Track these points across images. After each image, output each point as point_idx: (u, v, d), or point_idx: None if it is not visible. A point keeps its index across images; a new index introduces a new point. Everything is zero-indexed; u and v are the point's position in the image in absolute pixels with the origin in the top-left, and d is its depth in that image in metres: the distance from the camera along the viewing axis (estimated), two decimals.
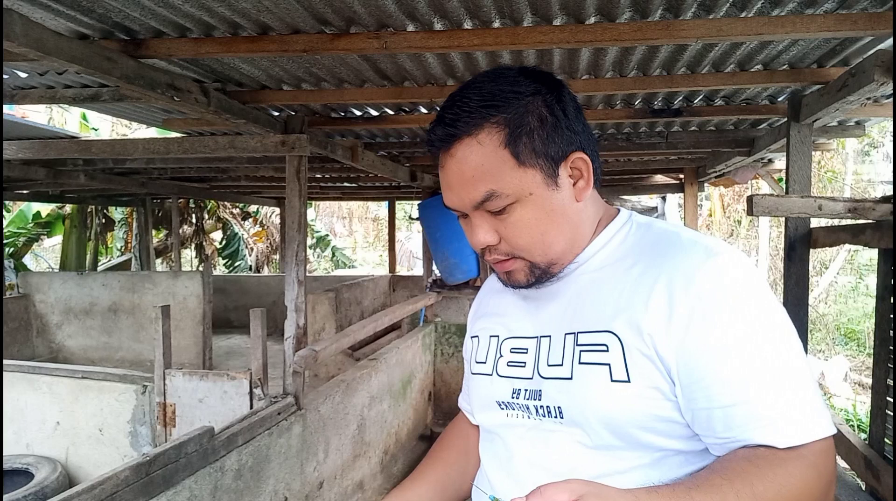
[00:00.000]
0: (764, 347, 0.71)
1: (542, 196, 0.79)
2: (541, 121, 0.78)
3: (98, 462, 3.20)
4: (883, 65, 1.89)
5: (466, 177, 0.78)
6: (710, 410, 0.71)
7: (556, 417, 0.79)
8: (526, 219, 0.79)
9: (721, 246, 0.77)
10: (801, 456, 0.68)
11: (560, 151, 0.79)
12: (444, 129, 0.79)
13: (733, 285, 0.73)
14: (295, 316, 2.75)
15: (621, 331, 0.75)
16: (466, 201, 0.80)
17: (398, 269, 10.23)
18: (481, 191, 0.77)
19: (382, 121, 3.26)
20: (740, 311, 0.71)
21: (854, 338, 8.73)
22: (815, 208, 2.00)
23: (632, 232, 0.85)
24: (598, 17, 1.89)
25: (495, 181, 0.77)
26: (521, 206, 0.78)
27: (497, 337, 0.92)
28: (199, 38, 2.01)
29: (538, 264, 0.82)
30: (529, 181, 0.78)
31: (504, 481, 0.85)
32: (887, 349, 2.05)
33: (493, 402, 0.88)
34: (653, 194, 6.92)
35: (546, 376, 0.81)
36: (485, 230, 0.81)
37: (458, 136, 0.78)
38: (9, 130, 3.72)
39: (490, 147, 0.77)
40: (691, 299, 0.72)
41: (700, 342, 0.71)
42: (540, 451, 0.81)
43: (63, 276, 5.92)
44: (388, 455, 3.69)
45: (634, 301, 0.75)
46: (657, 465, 0.75)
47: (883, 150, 11.68)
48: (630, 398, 0.73)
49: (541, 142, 0.78)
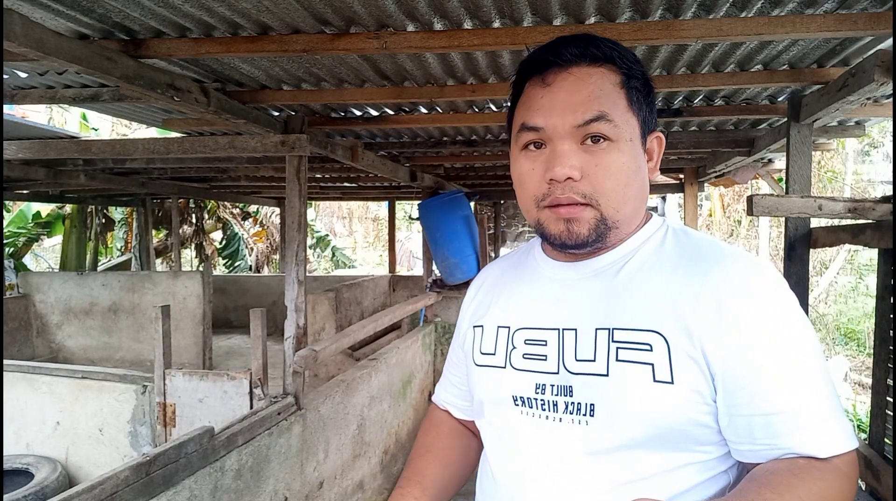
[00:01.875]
0: (804, 360, 0.72)
1: (637, 148, 0.81)
2: (644, 86, 0.83)
3: (98, 462, 3.20)
4: (883, 65, 1.89)
5: (582, 94, 0.78)
6: (752, 417, 0.72)
7: (586, 414, 0.77)
8: (619, 163, 0.78)
9: (758, 259, 0.79)
10: (836, 468, 0.70)
11: (652, 121, 0.84)
12: (578, 48, 0.80)
13: (777, 297, 0.75)
14: (295, 316, 2.75)
15: (669, 332, 0.74)
16: (569, 120, 0.78)
17: (398, 269, 10.23)
18: (595, 109, 0.78)
19: (382, 121, 3.26)
20: (783, 324, 0.73)
21: (854, 338, 8.73)
22: (815, 208, 2.00)
23: (669, 236, 0.85)
24: (598, 17, 1.89)
25: (609, 108, 0.78)
26: (618, 148, 0.79)
27: (508, 328, 0.88)
28: (199, 38, 2.01)
29: (607, 218, 0.79)
30: (633, 127, 0.80)
31: (515, 486, 0.82)
32: (887, 349, 2.05)
33: (507, 397, 0.84)
34: (653, 193, 6.92)
35: (575, 371, 0.79)
36: (573, 162, 0.78)
37: (590, 59, 0.80)
38: (9, 130, 3.72)
39: (610, 80, 0.80)
40: (739, 308, 0.73)
41: (747, 351, 0.72)
42: (557, 455, 0.79)
43: (63, 276, 5.92)
44: (388, 455, 3.69)
45: (682, 303, 0.75)
46: (679, 471, 0.75)
47: (883, 150, 11.68)
48: (671, 400, 0.73)
49: (644, 102, 0.82)
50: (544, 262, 0.91)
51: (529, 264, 0.94)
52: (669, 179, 6.04)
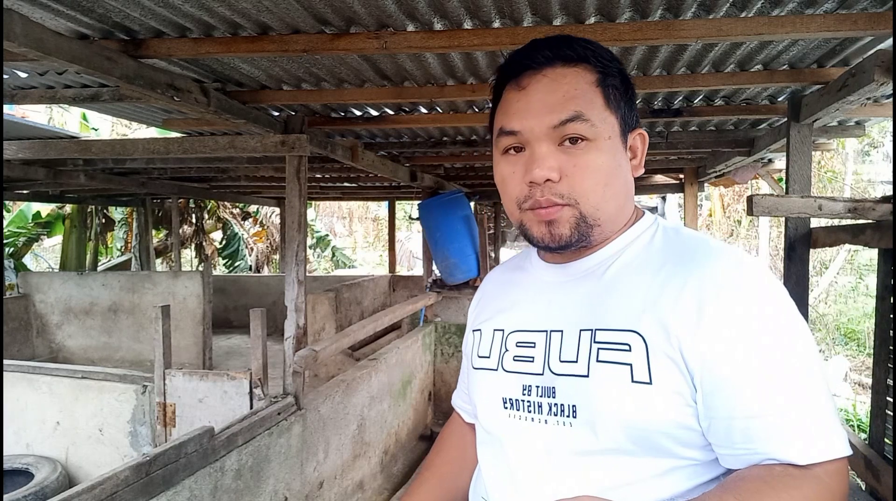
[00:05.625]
0: (789, 361, 0.70)
1: (616, 146, 0.80)
2: (623, 83, 0.82)
3: (98, 462, 3.20)
4: (883, 65, 1.89)
5: (557, 96, 0.78)
6: (731, 420, 0.69)
7: (569, 415, 0.76)
8: (598, 162, 0.78)
9: (748, 257, 0.77)
10: (817, 477, 0.67)
11: (632, 118, 0.83)
12: (551, 51, 0.80)
13: (762, 297, 0.72)
14: (295, 316, 2.75)
15: (647, 332, 0.73)
16: (545, 122, 0.78)
17: (398, 269, 10.23)
18: (570, 109, 0.77)
19: (382, 121, 3.26)
20: (769, 323, 0.71)
21: (854, 338, 8.73)
22: (815, 208, 2.00)
23: (657, 235, 0.83)
24: (598, 17, 1.89)
25: (585, 107, 0.78)
26: (596, 147, 0.78)
27: (502, 331, 0.89)
28: (199, 38, 2.01)
29: (587, 217, 0.79)
30: (611, 126, 0.79)
31: (505, 489, 0.82)
32: (887, 349, 2.05)
33: (497, 399, 0.85)
34: (653, 194, 6.92)
35: (558, 372, 0.79)
36: (550, 163, 0.77)
37: (563, 60, 0.80)
38: (9, 130, 3.72)
39: (585, 80, 0.80)
40: (721, 306, 0.71)
41: (727, 351, 0.70)
42: (544, 459, 0.78)
43: (63, 276, 5.92)
44: (388, 455, 3.69)
45: (662, 303, 0.74)
46: (667, 476, 0.73)
47: (883, 150, 11.68)
48: (650, 401, 0.72)
49: (622, 100, 0.81)
50: (538, 264, 0.92)
51: (526, 267, 0.95)
52: (669, 179, 6.04)
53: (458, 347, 4.83)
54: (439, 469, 1.02)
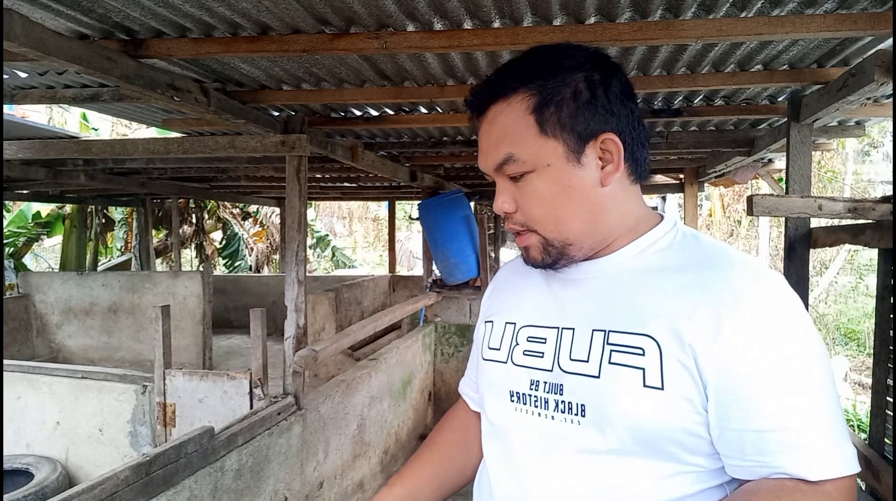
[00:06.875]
0: (805, 377, 0.70)
1: (560, 170, 0.78)
2: (574, 95, 0.77)
3: (98, 462, 3.20)
4: (883, 65, 1.89)
5: (492, 138, 0.81)
6: (743, 432, 0.70)
7: (577, 414, 0.77)
8: (541, 190, 0.79)
9: (767, 269, 0.76)
10: (827, 493, 0.67)
11: (589, 128, 0.78)
12: (482, 90, 0.82)
13: (781, 312, 0.72)
14: (295, 316, 2.75)
15: (661, 337, 0.73)
16: (489, 163, 0.82)
17: (398, 269, 10.23)
18: (501, 153, 0.79)
19: (382, 121, 3.26)
20: (786, 338, 0.71)
21: (854, 338, 8.74)
22: (815, 208, 2.00)
23: (677, 240, 0.83)
24: (598, 17, 1.89)
25: (515, 145, 0.78)
26: (537, 176, 0.79)
27: (514, 324, 0.89)
28: (199, 38, 2.01)
29: (552, 241, 0.81)
30: (550, 152, 0.78)
31: (509, 482, 0.83)
32: (887, 349, 2.05)
33: (505, 392, 0.85)
34: (653, 193, 6.91)
35: (568, 370, 0.79)
36: (504, 197, 0.82)
37: (493, 99, 0.80)
38: (9, 130, 3.72)
39: (518, 112, 0.78)
40: (740, 319, 0.70)
41: (744, 364, 0.70)
42: (549, 457, 0.79)
43: (63, 276, 5.92)
44: (389, 455, 3.69)
45: (678, 309, 0.74)
46: (672, 479, 0.74)
47: (883, 150, 11.68)
48: (661, 406, 0.72)
49: (569, 115, 0.77)
50: None
51: None
52: (669, 179, 6.03)
53: (458, 347, 4.82)
54: (439, 447, 1.02)
